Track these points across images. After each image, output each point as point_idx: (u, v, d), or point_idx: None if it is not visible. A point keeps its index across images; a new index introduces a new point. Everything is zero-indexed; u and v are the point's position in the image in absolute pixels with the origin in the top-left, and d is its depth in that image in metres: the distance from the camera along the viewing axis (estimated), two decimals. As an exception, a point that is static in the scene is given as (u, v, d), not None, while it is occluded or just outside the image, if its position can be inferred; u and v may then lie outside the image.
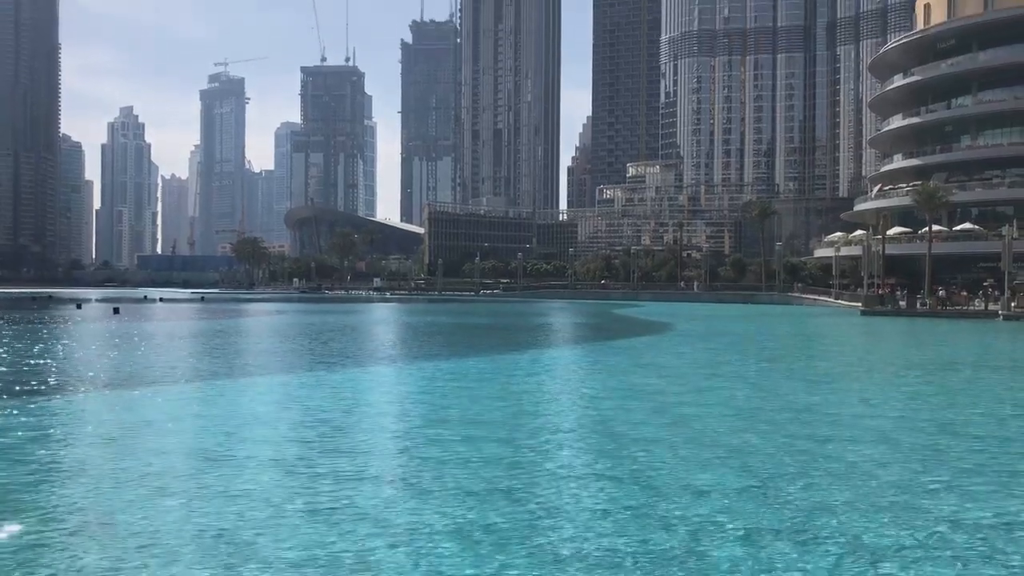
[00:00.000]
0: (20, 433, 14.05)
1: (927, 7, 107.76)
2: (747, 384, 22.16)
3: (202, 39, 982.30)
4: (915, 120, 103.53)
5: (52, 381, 21.38)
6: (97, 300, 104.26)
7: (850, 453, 12.71)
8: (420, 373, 24.59)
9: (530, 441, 13.66)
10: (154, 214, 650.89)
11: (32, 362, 26.31)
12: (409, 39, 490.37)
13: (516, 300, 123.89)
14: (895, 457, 12.62)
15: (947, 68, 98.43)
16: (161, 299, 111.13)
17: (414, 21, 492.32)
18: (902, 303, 74.38)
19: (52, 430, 14.73)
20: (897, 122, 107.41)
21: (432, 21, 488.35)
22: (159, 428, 14.91)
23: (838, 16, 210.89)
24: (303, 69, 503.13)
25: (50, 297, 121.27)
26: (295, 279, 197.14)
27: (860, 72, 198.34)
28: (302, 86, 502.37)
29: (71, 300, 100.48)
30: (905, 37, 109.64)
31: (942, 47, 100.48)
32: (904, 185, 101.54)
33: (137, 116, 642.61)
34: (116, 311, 70.36)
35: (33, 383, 20.64)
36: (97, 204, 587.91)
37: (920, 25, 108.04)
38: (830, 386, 22.12)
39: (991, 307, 67.23)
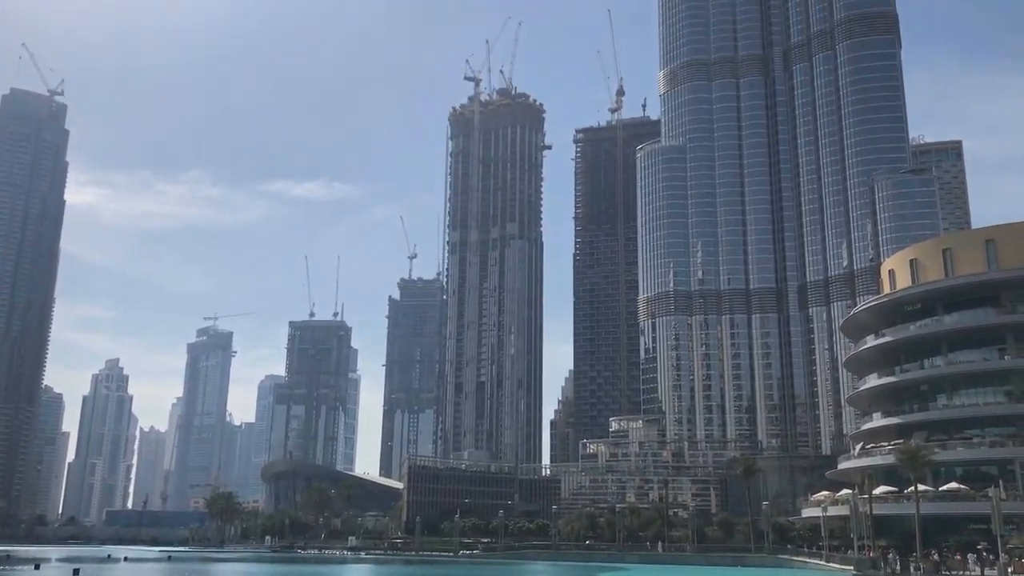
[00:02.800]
0: None
1: (892, 272, 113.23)
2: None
3: (194, 293, 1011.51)
4: (891, 379, 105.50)
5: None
6: (58, 560, 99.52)
7: None
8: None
9: None
10: (128, 467, 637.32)
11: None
12: (397, 295, 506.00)
13: (497, 562, 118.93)
14: None
15: (916, 330, 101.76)
16: (126, 558, 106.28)
17: (402, 279, 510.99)
18: (896, 567, 71.91)
19: None
20: (873, 381, 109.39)
21: (420, 279, 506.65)
22: None
23: (808, 280, 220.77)
24: (291, 324, 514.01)
25: (8, 556, 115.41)
26: (267, 537, 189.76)
27: (833, 332, 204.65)
28: (289, 339, 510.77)
29: (30, 560, 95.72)
30: (873, 300, 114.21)
31: (909, 310, 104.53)
32: (886, 443, 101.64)
33: (122, 368, 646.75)
34: (76, 573, 66.99)
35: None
36: (71, 456, 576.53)
37: (886, 289, 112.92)
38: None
39: (988, 572, 64.99)
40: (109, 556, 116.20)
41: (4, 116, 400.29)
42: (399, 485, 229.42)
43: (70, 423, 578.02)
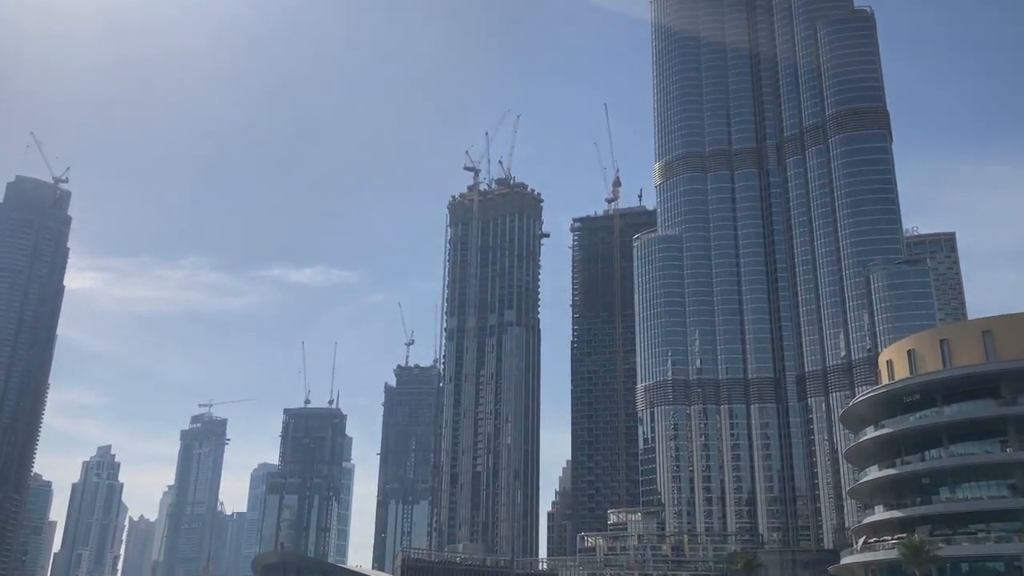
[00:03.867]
0: None
1: (890, 363, 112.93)
2: None
3: (189, 380, 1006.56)
4: (892, 472, 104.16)
5: None
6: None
7: None
8: None
9: None
10: (116, 558, 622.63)
11: None
12: (393, 382, 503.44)
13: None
14: None
15: (916, 421, 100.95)
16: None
17: (399, 366, 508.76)
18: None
19: None
20: (874, 473, 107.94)
21: (416, 366, 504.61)
22: None
23: (806, 370, 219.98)
24: (286, 411, 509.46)
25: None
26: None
27: (833, 423, 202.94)
28: (283, 427, 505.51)
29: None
30: (872, 391, 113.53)
31: (908, 401, 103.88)
32: (889, 537, 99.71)
33: (114, 456, 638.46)
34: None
35: None
36: (57, 546, 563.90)
37: (885, 379, 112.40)
38: None
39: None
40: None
41: (8, 203, 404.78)
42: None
43: (58, 511, 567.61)
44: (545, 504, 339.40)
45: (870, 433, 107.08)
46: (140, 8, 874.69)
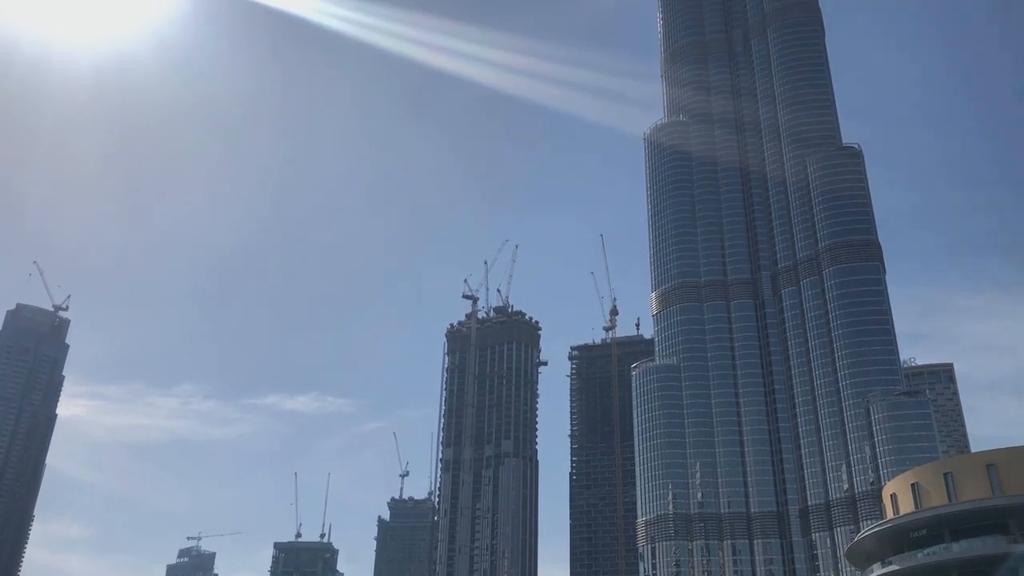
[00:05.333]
0: None
1: (894, 496, 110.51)
2: None
3: (177, 512, 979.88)
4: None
5: None
6: None
7: None
8: None
9: None
10: None
11: None
12: (386, 515, 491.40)
13: None
14: None
15: (924, 558, 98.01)
16: None
17: (393, 498, 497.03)
18: None
19: None
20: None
21: (411, 499, 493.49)
22: None
23: (809, 504, 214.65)
24: (276, 545, 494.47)
25: None
26: None
27: (838, 559, 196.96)
28: (273, 562, 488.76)
29: None
30: (877, 526, 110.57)
31: (915, 536, 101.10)
32: None
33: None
34: None
35: None
36: None
37: (889, 513, 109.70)
38: None
39: None
40: None
41: (7, 330, 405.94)
42: None
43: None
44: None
45: (877, 571, 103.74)
46: (147, 141, 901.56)
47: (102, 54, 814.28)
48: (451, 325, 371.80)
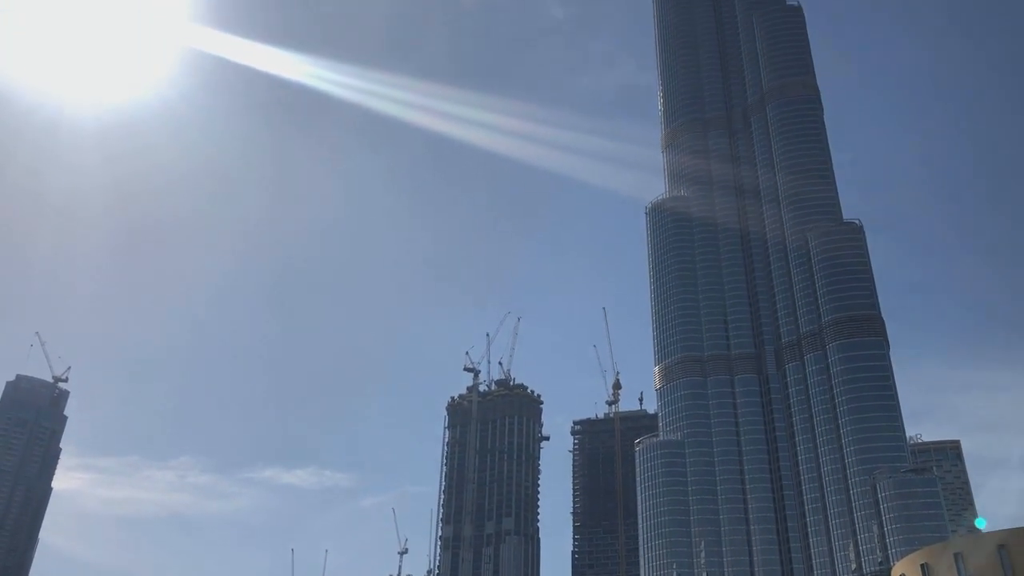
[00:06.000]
0: None
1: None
2: None
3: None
4: None
5: None
6: None
7: None
8: None
9: None
10: None
11: None
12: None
13: None
14: None
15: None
16: None
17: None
18: None
19: None
20: None
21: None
22: None
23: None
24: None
25: None
26: None
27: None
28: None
29: None
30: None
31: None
32: None
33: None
34: None
35: None
36: None
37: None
38: None
39: None
40: None
41: (6, 402, 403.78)
42: None
43: None
44: None
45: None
46: (148, 208, 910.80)
47: (108, 117, 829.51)
48: (452, 398, 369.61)
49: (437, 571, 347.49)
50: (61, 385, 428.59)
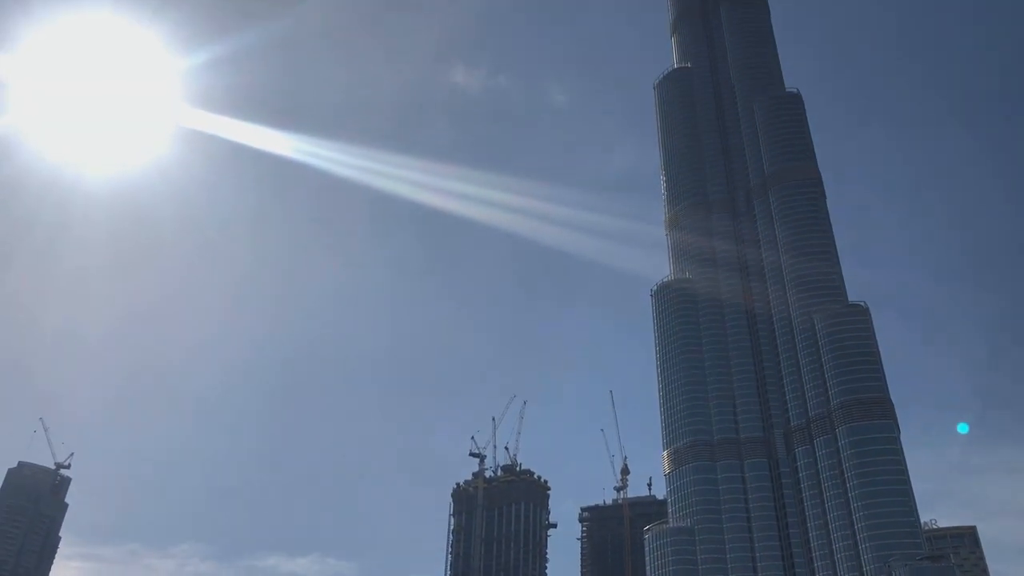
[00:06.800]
0: None
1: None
2: None
3: None
4: None
5: None
6: None
7: None
8: None
9: None
10: None
11: None
12: None
13: None
14: None
15: None
16: None
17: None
18: None
19: None
20: None
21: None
22: None
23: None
24: None
25: None
26: None
27: None
28: None
29: None
30: None
31: None
32: None
33: None
34: None
35: None
36: None
37: None
38: None
39: None
40: None
41: (7, 488, 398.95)
42: None
43: None
44: None
45: None
46: (153, 288, 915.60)
47: (112, 189, 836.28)
48: (457, 484, 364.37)
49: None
50: (63, 472, 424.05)
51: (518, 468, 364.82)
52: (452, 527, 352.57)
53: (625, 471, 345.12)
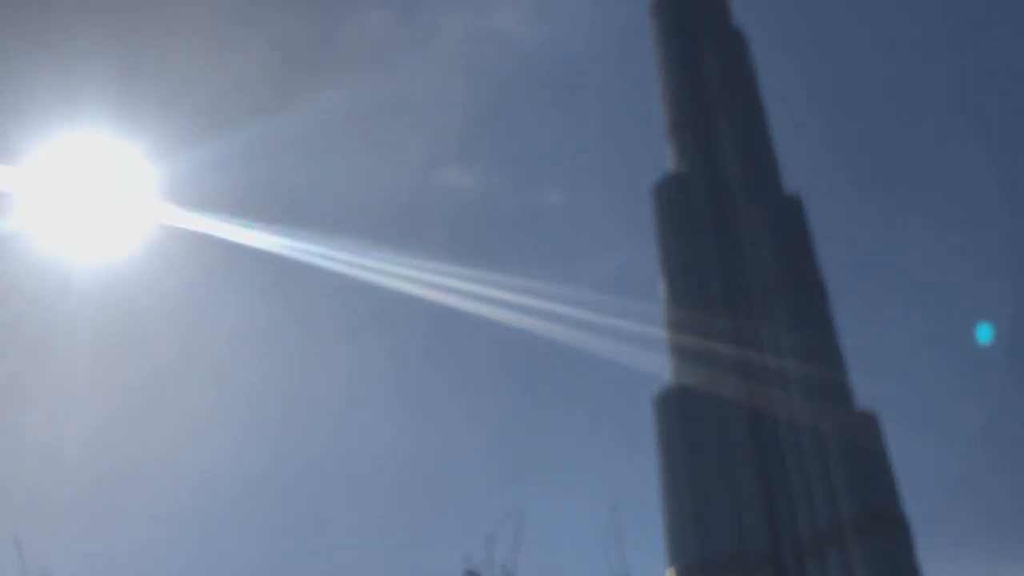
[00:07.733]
0: None
1: None
2: None
3: None
4: None
5: None
6: None
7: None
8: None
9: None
10: None
11: None
12: None
13: None
14: None
15: None
16: None
17: None
18: None
19: None
20: None
21: None
22: None
23: None
24: None
25: None
26: None
27: None
28: None
29: None
30: None
31: None
32: None
33: None
34: None
35: None
36: None
37: None
38: None
39: None
40: None
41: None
42: None
43: None
44: None
45: None
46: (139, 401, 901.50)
47: (101, 284, 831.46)
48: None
49: None
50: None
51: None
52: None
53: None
